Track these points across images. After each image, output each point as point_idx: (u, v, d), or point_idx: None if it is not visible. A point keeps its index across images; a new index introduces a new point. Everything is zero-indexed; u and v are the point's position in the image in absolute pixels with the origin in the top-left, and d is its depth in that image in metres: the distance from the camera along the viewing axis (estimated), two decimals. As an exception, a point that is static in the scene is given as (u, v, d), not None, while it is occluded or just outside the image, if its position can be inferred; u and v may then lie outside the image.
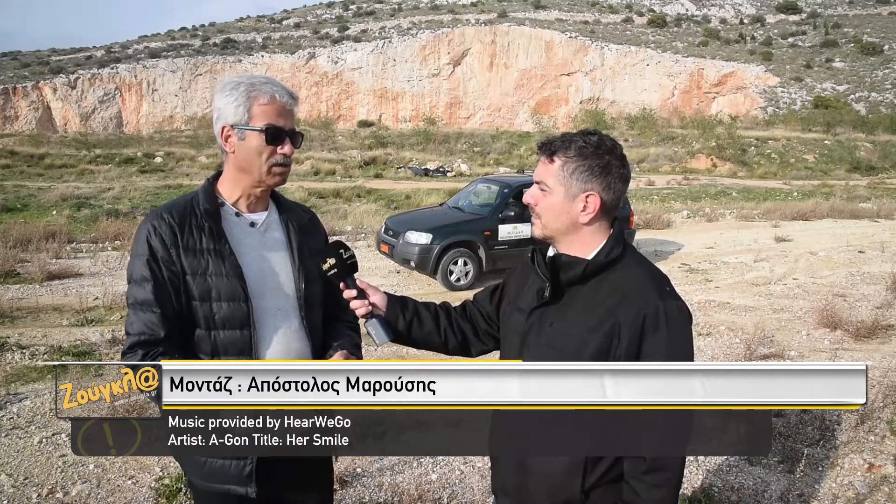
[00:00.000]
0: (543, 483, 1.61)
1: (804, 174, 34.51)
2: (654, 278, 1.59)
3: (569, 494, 1.57)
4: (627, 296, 1.52)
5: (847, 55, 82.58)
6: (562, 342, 1.57)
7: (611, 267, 1.58)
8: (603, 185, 1.57)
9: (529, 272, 1.72)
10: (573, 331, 1.56)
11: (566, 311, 1.59)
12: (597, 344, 1.51)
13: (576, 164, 1.56)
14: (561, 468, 1.57)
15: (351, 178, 27.01)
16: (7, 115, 73.26)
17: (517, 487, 1.68)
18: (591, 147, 1.56)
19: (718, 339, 6.53)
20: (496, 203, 9.64)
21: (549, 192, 1.60)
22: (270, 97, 1.70)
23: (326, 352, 1.89)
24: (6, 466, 3.68)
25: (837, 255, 11.55)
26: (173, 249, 1.66)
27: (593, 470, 1.55)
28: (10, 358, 5.51)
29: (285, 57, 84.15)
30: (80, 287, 8.38)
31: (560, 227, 1.61)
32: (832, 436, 4.04)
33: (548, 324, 1.61)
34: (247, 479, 1.71)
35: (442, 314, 1.89)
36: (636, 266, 1.60)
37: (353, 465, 3.73)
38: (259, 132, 1.69)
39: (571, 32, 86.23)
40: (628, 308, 1.51)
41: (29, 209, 17.61)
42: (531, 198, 1.64)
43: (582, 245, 1.61)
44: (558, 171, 1.58)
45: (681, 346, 1.52)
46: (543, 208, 1.61)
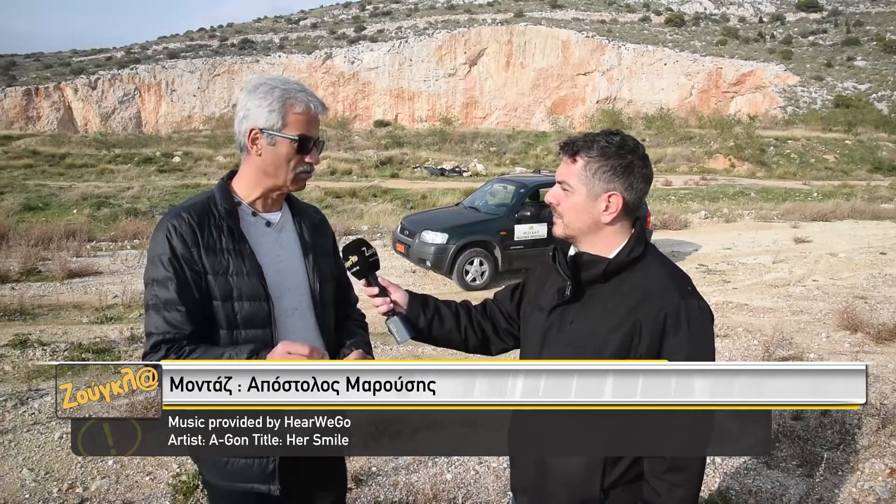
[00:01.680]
0: (562, 482, 1.61)
1: (824, 174, 34.06)
2: (676, 278, 1.59)
3: (588, 494, 1.57)
4: (649, 295, 1.52)
5: (869, 53, 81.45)
6: (582, 340, 1.57)
7: (632, 266, 1.58)
8: (625, 185, 1.57)
9: (550, 271, 1.72)
10: (594, 329, 1.56)
11: (587, 309, 1.59)
12: (618, 342, 1.52)
13: (598, 163, 1.56)
14: (580, 467, 1.58)
15: (367, 178, 27.09)
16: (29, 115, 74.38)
17: (536, 486, 1.69)
18: (614, 147, 1.56)
19: (736, 340, 6.46)
20: (512, 203, 9.62)
21: (571, 191, 1.60)
22: (306, 106, 1.71)
23: (339, 350, 1.89)
24: (28, 461, 3.73)
25: (858, 256, 11.39)
26: (195, 249, 1.66)
27: (612, 469, 1.55)
28: (31, 354, 5.60)
29: (302, 57, 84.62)
30: (100, 285, 8.48)
31: (582, 227, 1.61)
32: (852, 440, 3.98)
33: (568, 322, 1.61)
34: (270, 477, 1.71)
35: (462, 312, 1.90)
36: (658, 265, 1.60)
37: (369, 463, 3.74)
38: (291, 141, 1.70)
39: (588, 32, 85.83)
40: (649, 307, 1.50)
41: (50, 208, 17.87)
42: (553, 197, 1.65)
43: (604, 244, 1.61)
44: (581, 170, 1.58)
45: (702, 346, 1.52)
46: (566, 208, 1.62)
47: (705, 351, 1.52)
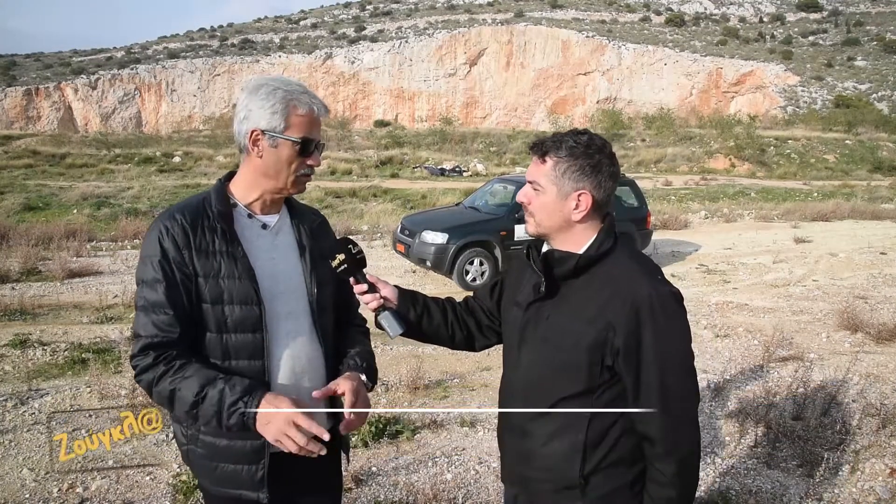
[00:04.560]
0: (543, 469, 1.66)
1: (824, 174, 34.04)
2: (645, 269, 1.62)
3: (569, 480, 1.62)
4: (620, 287, 1.55)
5: (869, 53, 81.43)
6: (558, 336, 1.60)
7: (602, 260, 1.61)
8: (594, 184, 1.60)
9: (526, 268, 1.76)
10: (569, 324, 1.59)
11: (561, 304, 1.62)
12: (593, 336, 1.55)
13: (567, 163, 1.59)
14: (559, 455, 1.62)
15: (367, 178, 27.09)
16: (30, 115, 74.42)
17: (520, 476, 1.75)
18: (582, 147, 1.59)
19: (736, 340, 6.46)
20: (512, 203, 9.61)
21: (541, 191, 1.63)
22: (308, 108, 1.69)
23: (340, 358, 1.86)
24: (28, 461, 3.73)
25: (858, 256, 11.39)
26: (186, 251, 1.64)
27: (592, 455, 1.60)
28: (31, 354, 5.60)
29: (302, 57, 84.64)
30: (100, 285, 8.48)
31: (553, 225, 1.65)
32: (852, 440, 3.97)
33: (544, 318, 1.64)
34: (259, 484, 1.70)
35: (449, 308, 1.95)
36: (627, 258, 1.63)
37: (369, 463, 3.74)
38: (294, 143, 1.68)
39: (588, 32, 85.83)
40: (622, 299, 1.53)
41: (50, 208, 17.87)
42: (524, 196, 1.68)
43: (575, 241, 1.65)
44: (550, 170, 1.61)
45: (680, 330, 1.58)
46: (537, 207, 1.65)
47: (683, 335, 1.58)
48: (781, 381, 5.05)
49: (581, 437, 1.59)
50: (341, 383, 1.70)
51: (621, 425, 1.59)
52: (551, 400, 1.62)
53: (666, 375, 1.53)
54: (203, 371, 1.59)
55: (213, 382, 1.56)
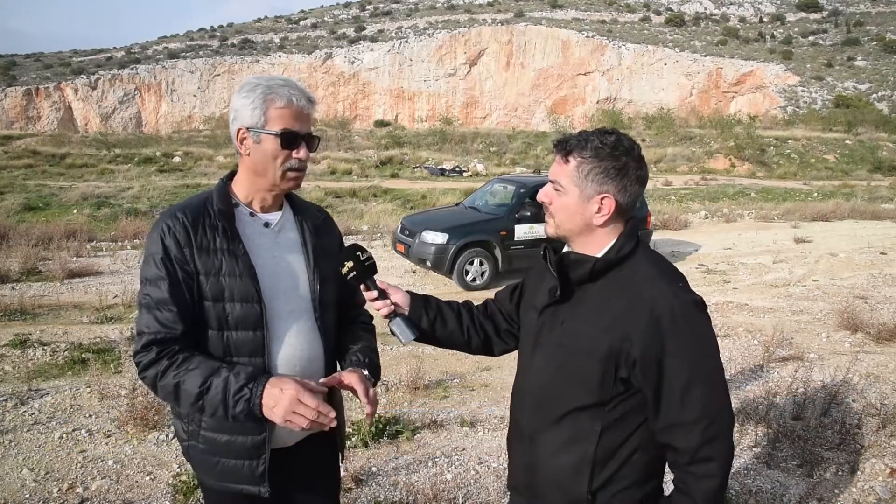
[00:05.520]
0: (551, 482, 1.61)
1: (824, 174, 34.03)
2: (667, 275, 1.54)
3: (575, 495, 1.55)
4: (639, 294, 1.48)
5: (869, 53, 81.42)
6: (572, 342, 1.54)
7: (621, 264, 1.54)
8: (619, 188, 1.52)
9: (545, 270, 1.69)
10: (584, 330, 1.53)
11: (577, 309, 1.56)
12: (607, 345, 1.48)
13: (591, 165, 1.51)
14: (567, 469, 1.56)
15: (367, 178, 27.05)
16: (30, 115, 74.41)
17: (527, 487, 1.70)
18: (608, 148, 1.51)
19: (736, 340, 6.45)
20: (512, 203, 9.62)
21: (563, 191, 1.56)
22: (287, 101, 1.67)
23: (342, 355, 1.87)
24: (28, 461, 3.73)
25: (858, 256, 11.39)
26: (187, 249, 1.64)
27: (601, 472, 1.53)
28: (31, 354, 5.59)
29: (302, 57, 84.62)
30: (100, 285, 8.48)
31: (573, 228, 1.58)
32: (853, 440, 3.97)
33: (559, 322, 1.58)
34: (259, 479, 1.71)
35: (465, 313, 1.88)
36: (648, 263, 1.55)
37: (369, 463, 3.74)
38: (274, 136, 1.67)
39: (588, 32, 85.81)
40: (640, 308, 1.46)
41: (50, 208, 17.85)
42: (545, 196, 1.61)
43: (595, 245, 1.58)
44: (573, 171, 1.53)
45: (705, 339, 1.49)
46: (557, 208, 1.58)
47: (709, 344, 1.50)
48: (781, 381, 5.05)
49: (591, 450, 1.52)
50: (346, 375, 1.71)
51: (636, 441, 1.52)
52: (562, 410, 1.56)
53: (693, 387, 1.44)
54: (207, 363, 1.60)
55: (218, 372, 1.57)
